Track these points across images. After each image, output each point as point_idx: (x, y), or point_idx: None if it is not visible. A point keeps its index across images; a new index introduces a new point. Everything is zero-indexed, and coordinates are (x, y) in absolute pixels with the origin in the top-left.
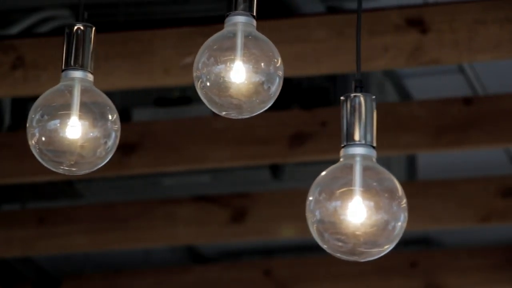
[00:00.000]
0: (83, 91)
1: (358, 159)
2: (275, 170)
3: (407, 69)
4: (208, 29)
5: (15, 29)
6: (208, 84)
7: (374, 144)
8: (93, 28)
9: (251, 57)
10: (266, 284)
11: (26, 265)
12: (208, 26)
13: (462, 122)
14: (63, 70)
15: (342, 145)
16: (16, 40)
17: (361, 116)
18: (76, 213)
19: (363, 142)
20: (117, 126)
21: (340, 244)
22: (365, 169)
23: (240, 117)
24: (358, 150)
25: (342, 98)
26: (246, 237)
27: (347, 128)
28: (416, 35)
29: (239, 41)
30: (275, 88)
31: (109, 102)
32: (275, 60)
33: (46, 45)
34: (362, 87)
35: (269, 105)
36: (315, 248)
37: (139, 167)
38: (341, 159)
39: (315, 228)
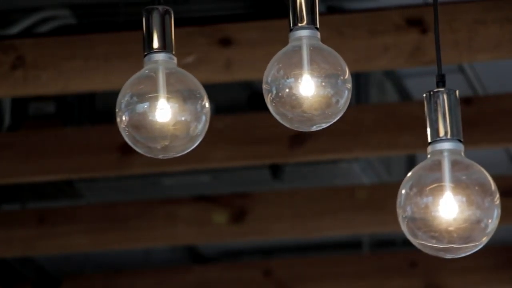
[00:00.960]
0: (169, 74)
1: (445, 154)
2: (275, 170)
3: (407, 69)
4: (208, 29)
5: (15, 29)
6: (279, 99)
7: (461, 138)
8: (172, 12)
9: (320, 71)
10: (266, 284)
11: (26, 265)
12: (208, 26)
13: (462, 122)
14: (145, 55)
15: (429, 142)
16: (16, 40)
17: (445, 111)
18: (76, 213)
19: (449, 137)
20: (207, 108)
21: (434, 241)
22: (454, 163)
23: (310, 130)
24: (445, 145)
25: (424, 94)
26: (246, 237)
27: (432, 124)
28: (416, 35)
29: (305, 55)
30: (344, 101)
31: (198, 84)
32: (343, 73)
33: (46, 45)
34: (444, 82)
35: (338, 117)
36: (315, 248)
37: (139, 167)
38: (429, 156)
39: (406, 224)
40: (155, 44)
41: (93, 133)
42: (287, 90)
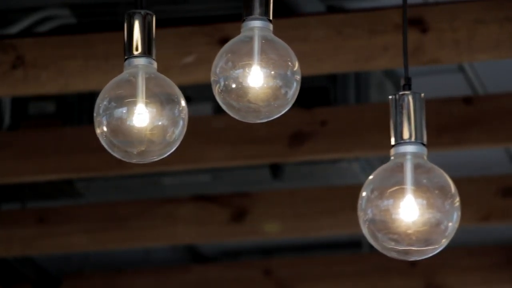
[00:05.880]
0: (149, 79)
1: (408, 157)
2: (275, 170)
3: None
4: (208, 29)
5: (15, 29)
6: (226, 89)
7: (425, 142)
8: (154, 16)
9: (268, 62)
10: (266, 284)
11: (26, 265)
12: (208, 26)
13: (462, 122)
14: (126, 59)
15: (392, 144)
16: (16, 40)
17: (410, 114)
18: (76, 212)
19: (413, 140)
20: (185, 113)
21: (393, 243)
22: (416, 167)
23: (257, 121)
24: (409, 148)
25: (390, 97)
26: (246, 237)
27: (396, 127)
28: (416, 35)
29: (256, 46)
30: (293, 92)
31: (176, 89)
32: (292, 65)
33: (46, 45)
34: (410, 85)
35: (287, 109)
36: (315, 248)
37: (139, 167)
38: (392, 158)
39: (366, 227)
40: (136, 48)
41: (93, 133)
42: (235, 80)
